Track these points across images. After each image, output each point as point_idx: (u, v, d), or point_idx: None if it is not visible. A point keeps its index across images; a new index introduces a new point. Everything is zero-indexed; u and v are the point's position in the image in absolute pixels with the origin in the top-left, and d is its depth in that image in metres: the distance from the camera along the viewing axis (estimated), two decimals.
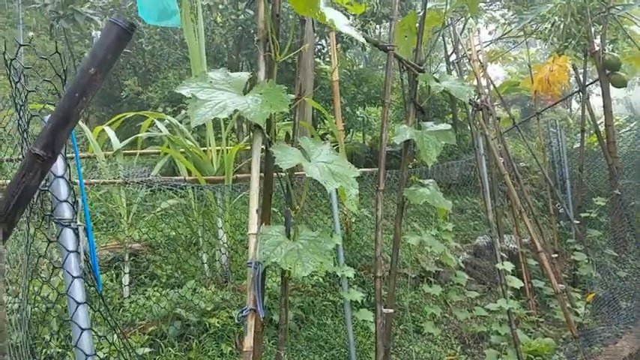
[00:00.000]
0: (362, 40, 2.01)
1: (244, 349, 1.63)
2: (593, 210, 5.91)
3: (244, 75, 1.92)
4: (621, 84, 5.90)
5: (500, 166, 4.40)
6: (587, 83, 6.12)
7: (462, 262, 5.04)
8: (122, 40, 1.19)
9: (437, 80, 3.05)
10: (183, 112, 6.65)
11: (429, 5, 3.41)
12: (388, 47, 2.66)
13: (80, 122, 4.17)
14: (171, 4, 3.73)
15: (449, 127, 3.11)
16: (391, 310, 2.50)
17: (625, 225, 5.74)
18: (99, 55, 1.17)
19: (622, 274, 5.49)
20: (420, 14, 3.17)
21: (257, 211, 1.75)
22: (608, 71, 5.83)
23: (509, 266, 3.80)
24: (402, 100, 10.81)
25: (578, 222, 5.75)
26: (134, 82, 7.44)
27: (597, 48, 5.83)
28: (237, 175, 4.29)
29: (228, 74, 1.91)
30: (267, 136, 1.86)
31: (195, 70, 4.21)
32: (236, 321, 1.69)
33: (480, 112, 4.72)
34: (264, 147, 1.88)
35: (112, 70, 8.31)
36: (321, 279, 4.44)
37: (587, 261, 5.28)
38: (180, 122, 5.27)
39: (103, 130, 4.12)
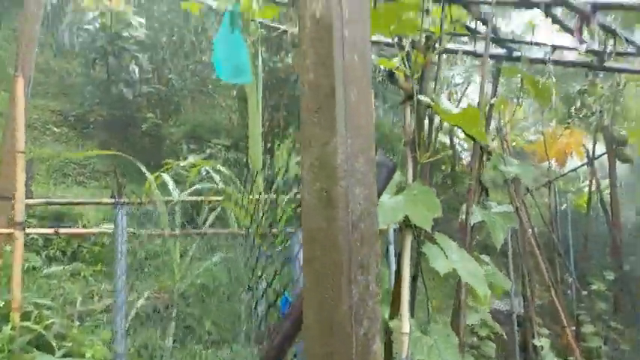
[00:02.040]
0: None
1: None
2: (595, 280, 6.21)
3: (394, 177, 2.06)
4: (627, 159, 6.33)
5: (532, 241, 4.62)
6: (595, 156, 6.51)
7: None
8: (390, 175, 1.38)
9: (505, 164, 3.28)
10: (208, 151, 6.69)
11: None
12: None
13: (140, 166, 4.17)
14: (244, 62, 3.86)
15: (511, 209, 3.30)
16: None
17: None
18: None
19: (625, 347, 5.77)
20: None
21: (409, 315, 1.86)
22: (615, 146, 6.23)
23: (546, 343, 3.98)
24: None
25: (585, 292, 6.03)
26: (155, 116, 7.45)
27: (606, 123, 6.23)
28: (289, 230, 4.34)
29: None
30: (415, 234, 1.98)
31: (252, 121, 4.16)
32: None
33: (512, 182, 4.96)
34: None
35: (131, 102, 8.17)
36: None
37: (595, 333, 5.54)
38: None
39: (159, 175, 4.14)
